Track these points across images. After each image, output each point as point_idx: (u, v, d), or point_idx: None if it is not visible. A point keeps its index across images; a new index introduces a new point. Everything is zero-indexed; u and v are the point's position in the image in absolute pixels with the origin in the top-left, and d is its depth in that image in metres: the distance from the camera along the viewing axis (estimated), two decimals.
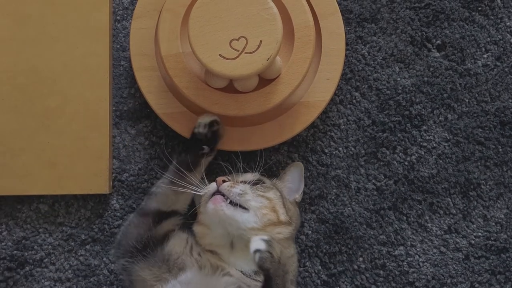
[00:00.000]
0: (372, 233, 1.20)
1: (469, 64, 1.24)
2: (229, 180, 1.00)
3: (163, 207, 1.07)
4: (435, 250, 1.19)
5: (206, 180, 1.04)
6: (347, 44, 1.21)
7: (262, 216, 0.96)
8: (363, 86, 1.23)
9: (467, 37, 1.24)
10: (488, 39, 1.24)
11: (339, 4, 1.20)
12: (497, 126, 1.22)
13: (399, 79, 1.23)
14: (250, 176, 1.06)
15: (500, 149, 1.22)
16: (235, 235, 0.97)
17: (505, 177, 1.21)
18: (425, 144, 1.22)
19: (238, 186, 0.98)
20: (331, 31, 1.16)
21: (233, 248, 0.98)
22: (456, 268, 1.19)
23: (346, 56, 1.20)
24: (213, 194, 0.97)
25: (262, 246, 0.82)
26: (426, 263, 1.19)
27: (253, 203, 0.97)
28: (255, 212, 0.96)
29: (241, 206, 0.96)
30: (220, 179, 0.99)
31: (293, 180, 1.12)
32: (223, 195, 0.97)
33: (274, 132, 1.16)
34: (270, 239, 0.83)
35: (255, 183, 1.02)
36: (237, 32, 1.01)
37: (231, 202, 0.96)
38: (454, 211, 1.21)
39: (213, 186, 0.99)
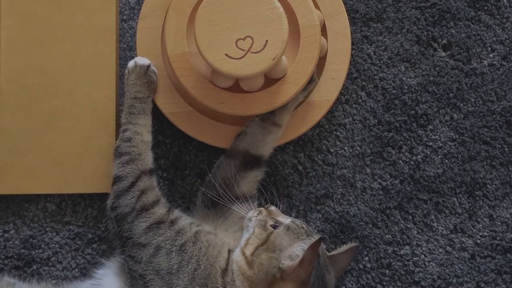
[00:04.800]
0: (377, 232, 1.20)
1: (475, 64, 1.24)
2: (274, 209, 1.06)
3: (251, 148, 1.12)
4: (440, 250, 1.19)
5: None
6: (353, 44, 1.21)
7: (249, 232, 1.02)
8: (369, 85, 1.23)
9: (473, 37, 1.24)
10: (494, 38, 1.24)
11: (345, 4, 1.20)
12: (503, 126, 1.22)
13: (405, 78, 1.23)
14: (286, 219, 1.04)
15: (506, 149, 1.22)
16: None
17: (511, 176, 1.21)
18: (431, 143, 1.22)
19: (255, 213, 1.05)
20: (337, 31, 1.16)
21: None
22: (462, 267, 1.19)
23: (352, 55, 1.20)
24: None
25: None
26: (431, 263, 1.19)
27: (251, 224, 1.03)
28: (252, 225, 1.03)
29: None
30: (268, 206, 1.06)
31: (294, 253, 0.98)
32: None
33: None
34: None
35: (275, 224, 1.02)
36: (243, 31, 1.01)
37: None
38: (460, 211, 1.21)
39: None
